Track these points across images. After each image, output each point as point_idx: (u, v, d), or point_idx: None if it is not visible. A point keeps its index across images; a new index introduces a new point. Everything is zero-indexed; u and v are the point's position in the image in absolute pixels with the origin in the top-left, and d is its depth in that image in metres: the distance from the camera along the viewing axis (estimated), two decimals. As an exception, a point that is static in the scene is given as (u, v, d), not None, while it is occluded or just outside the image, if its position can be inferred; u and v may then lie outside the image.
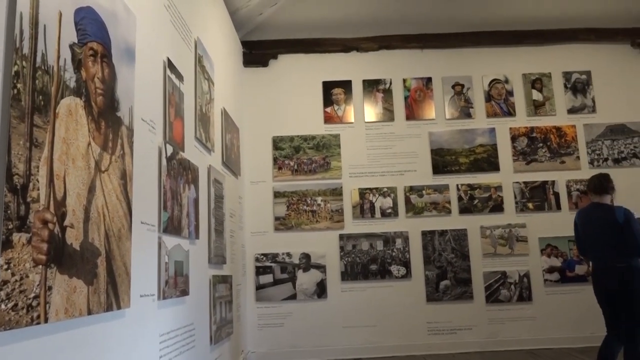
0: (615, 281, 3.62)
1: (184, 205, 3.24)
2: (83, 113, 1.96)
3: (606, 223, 3.68)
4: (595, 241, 3.72)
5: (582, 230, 3.84)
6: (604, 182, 3.82)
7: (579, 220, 3.86)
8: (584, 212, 3.88)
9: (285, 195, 6.06)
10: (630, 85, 6.47)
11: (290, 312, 5.82)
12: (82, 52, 1.97)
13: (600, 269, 3.71)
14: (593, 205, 3.84)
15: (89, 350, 1.96)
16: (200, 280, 3.66)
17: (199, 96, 3.82)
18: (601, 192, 3.80)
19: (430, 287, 5.91)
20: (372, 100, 6.36)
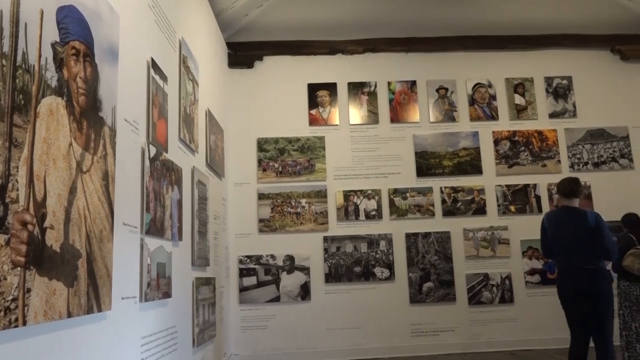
0: (585, 282, 3.65)
1: (167, 207, 3.21)
2: (65, 113, 1.93)
3: (577, 226, 3.72)
4: (565, 243, 3.73)
5: (551, 232, 3.84)
6: (574, 186, 3.85)
7: (548, 222, 3.87)
8: (554, 214, 3.90)
9: (269, 197, 6.05)
10: (609, 90, 6.60)
11: (273, 315, 5.81)
12: (64, 51, 1.94)
13: (570, 271, 3.71)
14: (563, 208, 3.87)
15: (69, 354, 1.93)
16: (183, 282, 3.63)
17: (183, 97, 3.79)
18: (571, 196, 3.84)
19: (414, 289, 5.95)
20: (357, 103, 6.39)
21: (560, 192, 3.90)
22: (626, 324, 4.64)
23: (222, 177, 5.48)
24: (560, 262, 3.80)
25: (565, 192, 3.85)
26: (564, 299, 3.79)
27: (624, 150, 6.44)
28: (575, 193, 3.84)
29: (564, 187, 3.86)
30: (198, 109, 4.32)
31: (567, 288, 3.74)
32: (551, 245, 3.86)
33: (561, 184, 3.92)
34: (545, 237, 3.93)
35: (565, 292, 3.75)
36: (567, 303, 3.76)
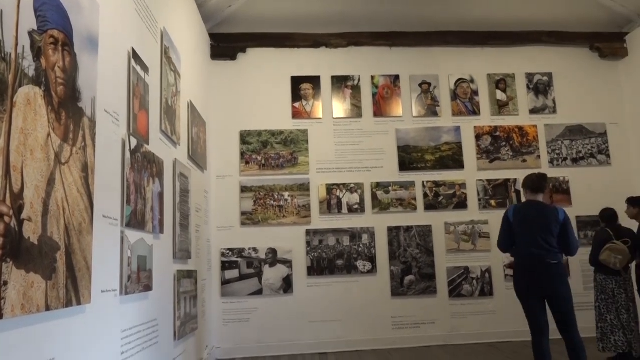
0: (550, 276, 3.67)
1: (148, 199, 3.18)
2: (42, 103, 1.89)
3: (547, 221, 3.75)
4: (532, 238, 3.73)
5: (517, 226, 3.82)
6: (542, 181, 3.89)
7: (514, 215, 3.84)
8: (522, 208, 3.89)
9: (252, 190, 6.03)
10: (588, 87, 6.70)
11: (256, 307, 5.80)
12: (42, 39, 1.90)
13: (535, 265, 3.71)
14: (529, 202, 3.89)
15: (47, 347, 1.90)
16: (164, 275, 3.60)
17: (164, 88, 3.75)
18: (538, 191, 3.88)
19: (395, 282, 6.00)
20: (341, 97, 6.39)
21: (528, 187, 3.93)
22: (602, 316, 4.75)
23: (205, 169, 5.44)
24: (524, 256, 3.76)
25: (534, 188, 3.88)
26: (526, 292, 3.75)
27: (602, 146, 6.56)
28: (542, 189, 3.89)
29: (532, 182, 3.90)
30: (180, 101, 4.28)
31: (531, 282, 3.70)
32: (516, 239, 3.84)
33: (529, 179, 3.95)
34: (507, 230, 3.89)
35: (528, 285, 3.71)
36: (528, 296, 3.73)
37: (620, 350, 4.60)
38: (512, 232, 3.84)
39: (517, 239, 3.78)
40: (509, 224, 3.84)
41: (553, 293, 3.66)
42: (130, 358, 2.81)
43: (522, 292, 3.76)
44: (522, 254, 3.74)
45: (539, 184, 3.88)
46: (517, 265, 3.82)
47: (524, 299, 3.75)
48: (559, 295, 3.66)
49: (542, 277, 3.67)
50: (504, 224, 3.90)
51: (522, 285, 3.76)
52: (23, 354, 1.75)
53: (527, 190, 3.94)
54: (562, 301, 3.66)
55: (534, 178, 3.91)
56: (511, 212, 3.84)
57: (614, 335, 4.64)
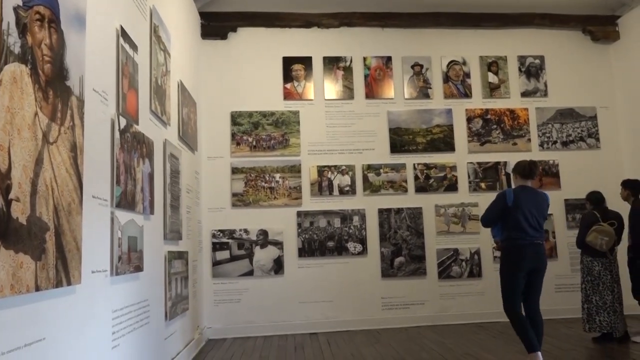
0: (540, 256, 3.97)
1: (138, 180, 3.16)
2: (29, 81, 1.86)
3: (539, 205, 4.00)
4: (527, 220, 3.96)
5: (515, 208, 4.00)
6: (533, 168, 4.09)
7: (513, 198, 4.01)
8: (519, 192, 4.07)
9: (243, 172, 6.01)
10: (579, 71, 6.71)
11: (246, 288, 5.83)
12: (28, 16, 1.86)
13: (530, 245, 3.96)
14: (524, 187, 4.09)
15: (37, 328, 1.90)
16: (155, 256, 3.60)
17: (154, 67, 3.70)
18: (528, 177, 4.08)
19: (385, 264, 6.04)
20: (332, 78, 6.34)
21: (519, 173, 4.12)
22: (587, 297, 4.83)
23: (195, 150, 5.41)
24: (523, 238, 3.96)
25: (525, 173, 4.08)
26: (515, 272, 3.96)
27: (592, 130, 6.60)
28: (533, 175, 4.09)
29: (523, 169, 4.08)
30: (170, 81, 4.23)
31: (525, 260, 3.92)
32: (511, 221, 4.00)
33: (521, 165, 4.13)
34: (500, 210, 4.04)
35: (522, 264, 3.93)
36: (518, 273, 3.95)
37: (605, 330, 4.70)
38: (502, 212, 4.01)
39: (515, 222, 3.94)
40: (505, 205, 4.00)
41: (541, 267, 3.99)
42: (121, 338, 2.82)
43: (515, 271, 3.96)
44: (522, 236, 3.94)
45: (530, 170, 4.07)
46: (516, 247, 3.98)
47: (515, 277, 3.95)
48: (543, 269, 4.01)
49: (536, 256, 3.95)
50: (499, 203, 4.05)
51: (518, 265, 3.94)
52: (13, 334, 1.74)
53: (518, 175, 4.13)
54: (542, 274, 4.03)
55: (526, 165, 4.08)
56: (510, 195, 3.99)
57: (599, 315, 4.73)
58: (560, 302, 6.09)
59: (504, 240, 4.04)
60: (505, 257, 4.03)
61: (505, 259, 4.02)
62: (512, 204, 3.96)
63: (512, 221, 3.96)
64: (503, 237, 4.05)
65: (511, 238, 3.99)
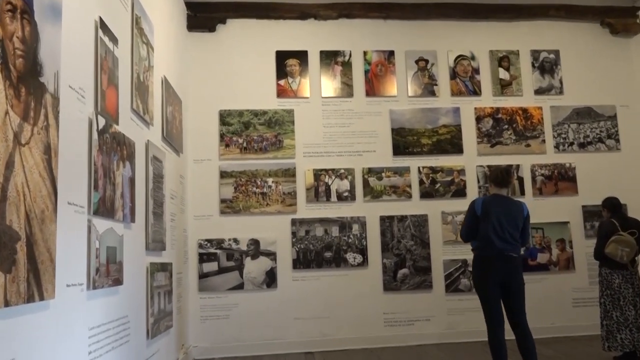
0: (514, 269, 4.05)
1: (118, 185, 3.15)
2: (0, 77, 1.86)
3: (514, 215, 4.10)
4: (499, 231, 4.05)
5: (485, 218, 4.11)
6: (507, 176, 4.28)
7: (483, 208, 4.15)
8: (490, 201, 4.21)
9: (232, 176, 6.00)
10: (598, 66, 6.75)
11: (236, 303, 5.82)
12: (-2, 6, 1.86)
13: (501, 258, 4.04)
14: (496, 196, 4.23)
15: (6, 347, 1.89)
16: (136, 268, 3.59)
17: (136, 62, 3.70)
18: (503, 185, 4.24)
19: (388, 276, 6.04)
20: (330, 74, 6.36)
21: (493, 181, 4.31)
22: (607, 313, 4.83)
23: (180, 152, 5.41)
24: (490, 249, 4.06)
25: (499, 182, 4.25)
26: (488, 287, 4.05)
27: (611, 130, 6.63)
28: (508, 183, 4.29)
29: (496, 177, 4.27)
30: (153, 77, 4.23)
31: (496, 274, 4.02)
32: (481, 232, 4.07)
33: (495, 173, 4.33)
34: (473, 222, 4.18)
35: (491, 279, 4.02)
36: (490, 288, 4.04)
37: (627, 349, 4.70)
38: (476, 224, 4.16)
39: (484, 232, 4.05)
40: (475, 216, 4.16)
41: (514, 283, 4.05)
42: (98, 358, 2.81)
43: (484, 284, 4.08)
44: (489, 247, 4.07)
45: (503, 178, 4.26)
46: (483, 258, 4.13)
47: (486, 291, 4.09)
48: (520, 284, 4.06)
49: (506, 269, 4.04)
50: (470, 215, 4.23)
51: (486, 277, 4.07)
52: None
53: (492, 184, 4.33)
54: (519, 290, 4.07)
55: (499, 173, 4.29)
56: (479, 204, 4.15)
57: (620, 333, 4.73)
58: (579, 318, 6.11)
59: (473, 250, 4.19)
60: (473, 269, 4.20)
61: (473, 271, 4.19)
62: (480, 213, 4.08)
63: (481, 231, 4.09)
64: (473, 247, 4.20)
65: (478, 249, 4.14)
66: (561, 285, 6.21)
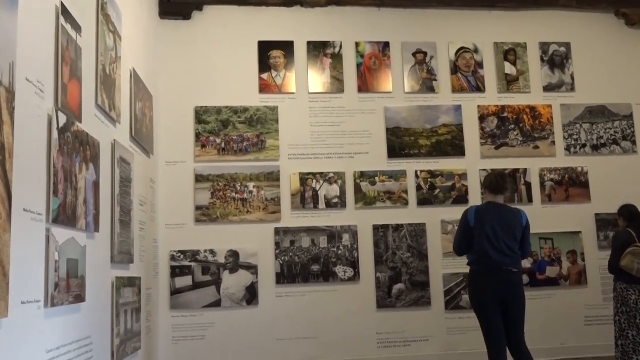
0: (514, 286, 4.11)
1: (81, 190, 3.14)
2: (-53, 68, 1.84)
3: (511, 225, 4.14)
4: (487, 242, 4.07)
5: (478, 229, 4.11)
6: (501, 181, 4.30)
7: (476, 217, 4.15)
8: (482, 211, 4.20)
9: (209, 180, 5.99)
10: (612, 61, 6.83)
11: (212, 323, 5.80)
12: (-54, -11, 1.85)
13: (498, 273, 4.03)
14: (490, 204, 4.27)
15: (-48, 372, 1.87)
16: (100, 283, 3.57)
17: (101, 53, 3.69)
18: (498, 192, 4.27)
19: (382, 292, 6.06)
20: (318, 67, 6.38)
21: (487, 187, 4.34)
22: (622, 332, 4.89)
23: (151, 154, 5.39)
24: (486, 262, 4.06)
25: (493, 188, 4.29)
26: (488, 301, 4.10)
27: (627, 131, 6.71)
28: (503, 189, 4.31)
29: (491, 182, 4.30)
30: (121, 69, 4.22)
31: (490, 289, 4.06)
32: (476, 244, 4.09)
33: (489, 179, 4.36)
34: (466, 233, 4.22)
35: (487, 292, 4.07)
36: (490, 306, 4.07)
37: (644, 371, 4.75)
38: (470, 236, 4.20)
39: (478, 244, 4.04)
40: (469, 227, 4.17)
41: (515, 300, 4.08)
42: (57, 384, 2.79)
43: (482, 301, 4.13)
44: (485, 261, 4.00)
45: (500, 184, 4.30)
46: (479, 273, 4.18)
47: (485, 308, 4.13)
48: (521, 302, 4.10)
49: (505, 285, 4.08)
50: (463, 226, 4.29)
51: (484, 294, 4.11)
52: None
53: (487, 190, 4.36)
54: (520, 308, 4.11)
55: (493, 178, 4.33)
56: (472, 214, 4.14)
57: (637, 354, 4.78)
58: (591, 338, 6.15)
59: (469, 264, 4.19)
60: (469, 284, 4.19)
61: (469, 287, 4.18)
62: (474, 223, 4.09)
63: (476, 244, 4.08)
64: (469, 261, 4.20)
65: (474, 263, 4.13)
66: (572, 302, 6.26)
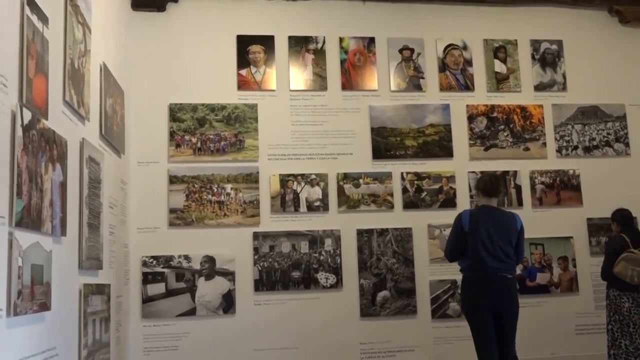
0: (508, 292, 4.17)
1: (46, 191, 3.11)
2: None
3: (506, 230, 4.20)
4: (483, 247, 4.12)
5: (472, 234, 4.16)
6: (495, 184, 4.38)
7: (469, 223, 4.17)
8: (476, 215, 4.24)
9: (184, 181, 5.97)
10: (606, 59, 6.92)
11: (187, 332, 5.77)
12: None
13: (485, 278, 4.06)
14: (485, 207, 4.31)
15: None
16: (66, 290, 3.54)
17: (69, 46, 3.66)
18: (493, 195, 4.34)
19: (366, 300, 6.07)
20: (300, 63, 6.38)
21: (481, 190, 4.38)
22: (615, 341, 4.95)
23: (122, 153, 5.36)
24: (481, 269, 4.09)
25: (486, 190, 4.35)
26: (479, 307, 4.15)
27: (620, 132, 6.80)
28: (497, 192, 4.38)
29: (485, 185, 4.35)
30: (90, 63, 4.19)
31: (485, 295, 4.11)
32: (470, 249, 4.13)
33: (483, 181, 4.42)
34: (460, 238, 4.26)
35: (482, 299, 4.11)
36: (484, 315, 4.13)
37: (637, 382, 4.82)
38: (463, 241, 4.24)
39: (473, 250, 4.08)
40: (463, 231, 4.18)
41: (509, 307, 4.15)
42: (20, 398, 2.76)
43: (475, 309, 4.17)
44: (480, 267, 4.04)
45: (495, 187, 4.37)
46: (473, 280, 4.23)
47: (477, 317, 4.18)
48: (514, 310, 4.17)
49: (500, 292, 4.15)
50: (456, 230, 4.34)
51: (478, 302, 4.15)
52: None
53: (480, 193, 4.41)
54: (514, 317, 4.18)
55: (487, 180, 4.39)
56: (466, 218, 4.16)
57: (629, 364, 4.85)
58: (583, 347, 6.21)
59: (462, 271, 4.22)
60: (462, 292, 4.22)
61: (462, 295, 4.21)
62: (468, 228, 4.12)
63: (470, 249, 4.12)
64: (461, 268, 4.23)
65: (468, 269, 4.16)
66: (563, 310, 6.32)
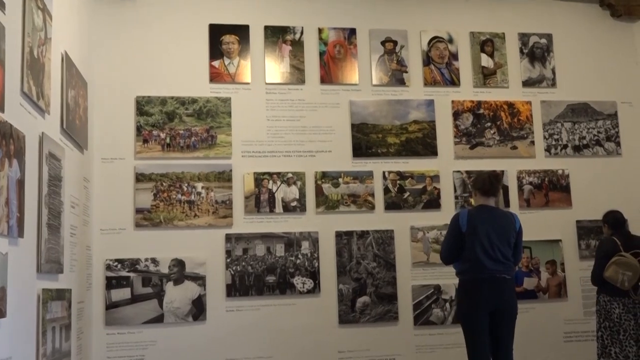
0: (507, 294, 4.23)
1: (2, 189, 3.08)
2: None
3: (504, 230, 4.26)
4: (481, 248, 4.17)
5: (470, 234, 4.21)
6: (494, 182, 4.44)
7: (467, 223, 4.21)
8: (474, 215, 4.28)
9: (151, 179, 5.93)
10: (596, 55, 7.01)
11: (154, 341, 5.73)
12: None
13: (491, 281, 4.13)
14: (482, 207, 4.37)
15: None
16: (23, 296, 3.50)
17: (28, 33, 3.62)
18: (490, 194, 4.40)
19: (345, 306, 6.08)
20: (277, 55, 6.37)
21: (478, 189, 4.44)
22: (605, 349, 5.02)
23: (85, 149, 5.31)
24: (480, 272, 4.14)
25: (485, 189, 4.40)
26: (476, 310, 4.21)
27: (611, 131, 6.89)
28: (496, 191, 4.43)
29: (483, 183, 4.40)
30: (51, 52, 4.14)
31: (483, 298, 4.17)
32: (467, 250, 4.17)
33: (480, 179, 4.47)
34: (457, 239, 4.30)
35: (479, 302, 4.16)
36: (481, 321, 4.19)
37: (627, 391, 4.89)
38: (461, 242, 4.29)
39: (471, 252, 4.11)
40: (460, 232, 4.21)
41: (508, 310, 4.21)
42: (-28, 412, 2.72)
43: (473, 314, 4.24)
44: (478, 270, 4.08)
45: (494, 185, 4.42)
46: (471, 284, 4.28)
47: (474, 322, 4.25)
48: (513, 313, 4.22)
49: (499, 294, 4.20)
50: (453, 231, 4.38)
51: (476, 306, 4.21)
52: None
53: (478, 192, 4.47)
54: (512, 319, 4.23)
55: (486, 178, 4.44)
56: (464, 219, 4.20)
57: (620, 373, 4.92)
58: (571, 355, 6.28)
59: (458, 274, 4.25)
60: (459, 295, 4.26)
61: (459, 297, 4.26)
62: (466, 229, 4.16)
63: (467, 251, 4.16)
64: (458, 271, 4.27)
65: (466, 272, 4.20)
66: (551, 316, 6.38)
